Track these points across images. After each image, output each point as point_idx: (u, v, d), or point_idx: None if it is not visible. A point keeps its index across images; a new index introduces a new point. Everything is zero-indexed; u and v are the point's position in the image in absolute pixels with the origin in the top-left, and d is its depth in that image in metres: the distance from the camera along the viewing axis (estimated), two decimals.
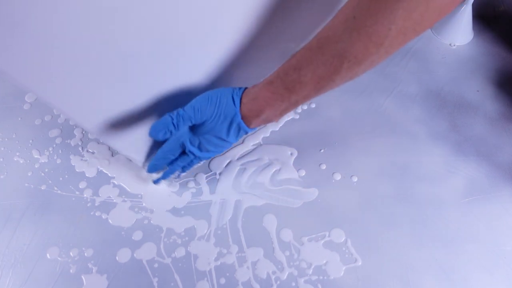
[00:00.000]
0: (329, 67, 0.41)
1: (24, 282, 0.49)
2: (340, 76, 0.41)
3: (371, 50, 0.39)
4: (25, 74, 0.38)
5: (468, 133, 0.63)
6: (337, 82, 0.42)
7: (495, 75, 0.70)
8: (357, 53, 0.39)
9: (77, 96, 0.43)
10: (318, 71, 0.41)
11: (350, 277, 0.50)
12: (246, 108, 0.46)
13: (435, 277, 0.50)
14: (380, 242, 0.52)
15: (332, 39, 0.40)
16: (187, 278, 0.50)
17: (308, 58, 0.42)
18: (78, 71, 0.41)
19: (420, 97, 0.67)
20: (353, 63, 0.40)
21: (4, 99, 0.67)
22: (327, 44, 0.40)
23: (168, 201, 0.56)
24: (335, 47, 0.40)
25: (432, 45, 0.75)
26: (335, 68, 0.40)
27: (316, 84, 0.42)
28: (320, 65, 0.41)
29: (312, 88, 0.43)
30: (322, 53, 0.41)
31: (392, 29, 0.37)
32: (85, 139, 0.62)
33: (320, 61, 0.41)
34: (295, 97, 0.44)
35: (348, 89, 0.68)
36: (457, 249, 0.52)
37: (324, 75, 0.41)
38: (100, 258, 0.51)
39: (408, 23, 0.37)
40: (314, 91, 0.43)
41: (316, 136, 0.62)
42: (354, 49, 0.39)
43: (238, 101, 0.46)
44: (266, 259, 0.51)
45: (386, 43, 0.38)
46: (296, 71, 0.42)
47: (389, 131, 0.63)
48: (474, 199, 0.56)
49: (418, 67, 0.72)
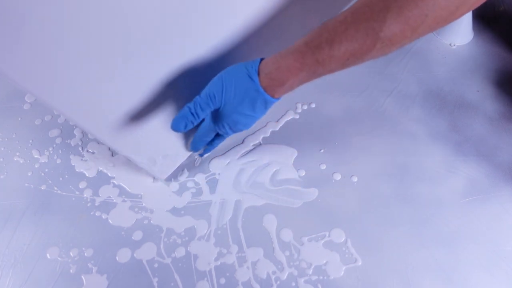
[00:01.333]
0: (362, 45, 0.39)
1: (24, 282, 0.49)
2: (371, 55, 0.40)
3: (406, 34, 0.38)
4: (22, 74, 0.38)
5: (468, 133, 0.63)
6: (366, 60, 0.41)
7: (495, 75, 0.70)
8: (392, 36, 0.38)
9: (75, 96, 0.43)
10: (350, 48, 0.40)
11: (350, 277, 0.50)
12: (268, 79, 0.44)
13: (435, 277, 0.50)
14: (380, 242, 0.52)
15: (369, 16, 0.38)
16: (187, 278, 0.50)
17: (341, 32, 0.40)
18: (74, 71, 0.41)
19: (420, 97, 0.67)
20: (386, 45, 0.39)
21: (4, 99, 0.67)
22: (363, 20, 0.39)
23: (168, 201, 0.56)
24: (371, 26, 0.38)
25: (432, 45, 0.75)
26: (367, 47, 0.39)
27: (345, 60, 0.41)
28: (353, 41, 0.39)
29: (340, 63, 0.41)
30: (356, 29, 0.39)
31: (429, 16, 0.37)
32: (85, 139, 0.62)
33: (353, 38, 0.39)
34: (322, 69, 0.42)
35: (348, 89, 0.68)
36: (457, 249, 0.52)
37: (356, 52, 0.40)
38: (100, 258, 0.51)
39: (444, 12, 0.37)
40: (341, 65, 0.42)
41: (316, 136, 0.62)
42: (390, 30, 0.38)
43: (256, 76, 0.44)
44: (266, 259, 0.51)
45: (420, 29, 0.38)
46: (328, 44, 0.40)
47: (389, 131, 0.63)
48: (474, 199, 0.56)
49: (418, 67, 0.72)
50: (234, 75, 0.45)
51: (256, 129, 0.63)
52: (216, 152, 0.60)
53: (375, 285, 0.49)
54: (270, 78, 0.44)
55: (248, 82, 0.45)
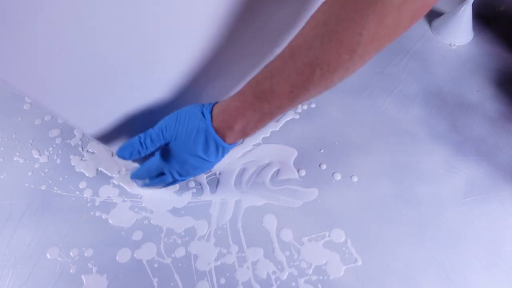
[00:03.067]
0: (301, 75, 0.39)
1: (24, 282, 0.49)
2: (314, 84, 0.40)
3: (344, 57, 0.38)
4: (16, 79, 0.38)
5: (468, 133, 0.63)
6: (312, 91, 0.41)
7: (495, 75, 0.70)
8: (329, 60, 0.38)
9: (71, 99, 0.43)
10: (290, 80, 0.40)
11: (350, 277, 0.50)
12: (218, 120, 0.44)
13: (435, 277, 0.50)
14: (380, 242, 0.52)
15: (303, 46, 0.39)
16: (187, 278, 0.50)
17: (279, 67, 0.40)
18: (68, 75, 0.41)
19: (420, 97, 0.67)
20: (326, 71, 0.39)
21: (4, 98, 0.67)
22: (298, 52, 0.39)
23: (168, 201, 0.56)
24: (306, 55, 0.38)
25: (432, 45, 0.75)
26: (307, 76, 0.39)
27: (289, 93, 0.41)
28: (291, 73, 0.40)
29: (285, 97, 0.41)
30: (293, 61, 0.39)
31: (363, 34, 0.36)
32: (85, 139, 0.62)
33: (291, 69, 0.39)
34: (268, 106, 0.42)
35: (348, 89, 0.68)
36: (457, 249, 0.52)
37: (297, 84, 0.40)
38: (100, 258, 0.51)
39: (381, 29, 0.36)
40: (288, 100, 0.41)
41: (316, 136, 0.62)
42: (326, 56, 0.38)
43: (208, 115, 0.45)
44: (266, 259, 0.51)
45: (359, 50, 0.37)
46: (268, 80, 0.41)
47: (389, 131, 0.63)
48: (474, 199, 0.56)
49: (418, 67, 0.72)
50: (189, 112, 0.45)
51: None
52: None
53: (375, 285, 0.49)
54: (220, 119, 0.44)
55: (201, 119, 0.45)
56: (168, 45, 0.46)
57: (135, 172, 0.51)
